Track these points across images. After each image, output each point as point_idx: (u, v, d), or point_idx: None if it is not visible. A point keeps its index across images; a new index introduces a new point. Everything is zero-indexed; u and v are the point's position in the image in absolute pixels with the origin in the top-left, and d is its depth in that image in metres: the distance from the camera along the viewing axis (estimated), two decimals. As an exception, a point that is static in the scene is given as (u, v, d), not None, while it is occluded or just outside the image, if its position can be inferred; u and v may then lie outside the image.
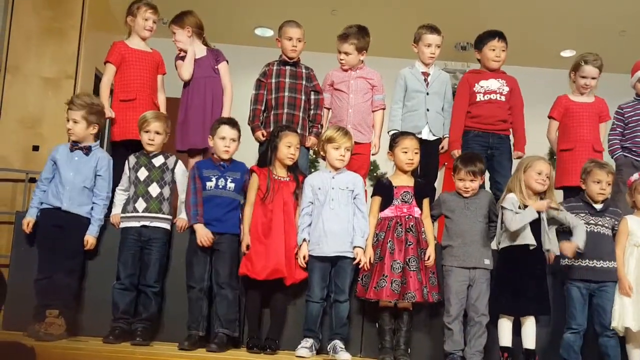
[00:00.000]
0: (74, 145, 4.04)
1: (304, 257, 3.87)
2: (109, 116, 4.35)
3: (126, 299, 3.86)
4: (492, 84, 4.60)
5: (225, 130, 3.98)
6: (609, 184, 3.94)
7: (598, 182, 3.94)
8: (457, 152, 4.48)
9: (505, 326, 3.86)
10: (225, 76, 4.63)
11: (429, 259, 3.87)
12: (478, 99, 4.58)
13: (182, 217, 4.00)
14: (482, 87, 4.60)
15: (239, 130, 4.02)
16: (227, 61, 4.68)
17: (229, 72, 4.66)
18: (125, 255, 3.90)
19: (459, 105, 4.63)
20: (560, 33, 7.33)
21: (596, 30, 7.11)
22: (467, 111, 4.59)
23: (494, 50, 4.63)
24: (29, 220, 3.99)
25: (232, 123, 4.02)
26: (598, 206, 3.96)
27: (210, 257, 3.90)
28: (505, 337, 3.85)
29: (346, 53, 4.59)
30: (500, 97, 4.58)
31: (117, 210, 4.06)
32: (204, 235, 3.83)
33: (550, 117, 4.78)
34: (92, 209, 4.00)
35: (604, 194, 3.94)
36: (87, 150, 4.04)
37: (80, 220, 3.95)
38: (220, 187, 3.95)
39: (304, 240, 3.89)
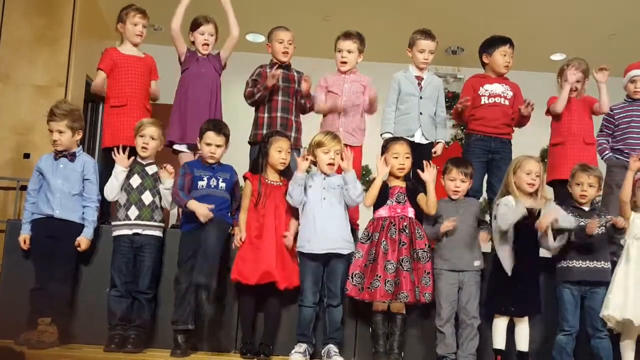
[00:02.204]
0: (58, 153, 4.03)
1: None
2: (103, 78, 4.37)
3: (123, 306, 3.86)
4: (497, 88, 4.65)
5: (211, 137, 3.98)
6: (590, 186, 3.95)
7: (579, 185, 3.97)
8: (464, 100, 4.55)
9: (499, 328, 3.87)
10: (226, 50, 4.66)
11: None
12: (482, 102, 4.63)
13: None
14: (486, 90, 4.65)
15: (225, 135, 4.02)
16: None
17: None
18: (119, 263, 3.89)
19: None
20: (550, 37, 7.37)
21: (586, 33, 7.15)
22: (471, 114, 4.64)
23: (504, 55, 4.68)
24: (25, 237, 3.98)
25: (218, 129, 4.00)
26: (586, 207, 3.99)
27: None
28: (499, 339, 3.86)
29: (349, 51, 4.61)
30: (504, 102, 4.64)
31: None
32: (200, 208, 3.81)
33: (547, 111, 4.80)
34: (83, 213, 3.99)
35: (586, 195, 3.95)
36: (72, 157, 4.03)
37: (73, 226, 3.94)
38: (213, 186, 3.96)
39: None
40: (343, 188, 3.93)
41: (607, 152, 4.75)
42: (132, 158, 4.02)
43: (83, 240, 3.93)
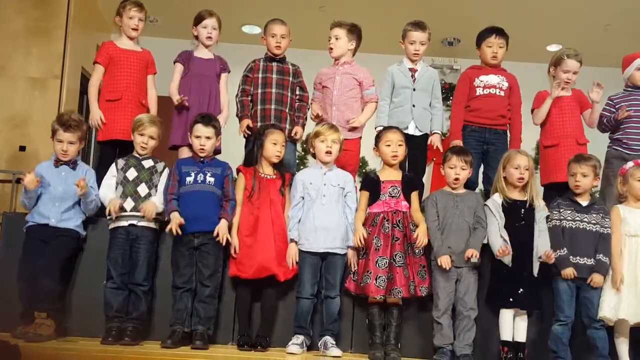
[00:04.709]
0: (59, 161, 4.00)
1: (294, 256, 3.88)
2: (97, 120, 4.33)
3: (119, 298, 3.85)
4: (492, 79, 4.66)
5: (199, 129, 3.99)
6: (584, 176, 3.96)
7: (572, 175, 3.99)
8: (457, 142, 4.53)
9: (506, 321, 3.86)
10: (224, 87, 4.65)
11: (419, 242, 3.83)
12: (478, 93, 4.64)
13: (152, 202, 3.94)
14: (481, 81, 4.65)
15: (214, 127, 4.03)
16: (229, 72, 4.72)
17: (227, 83, 4.68)
18: (115, 254, 3.88)
19: (457, 101, 4.70)
20: (547, 27, 7.37)
21: (582, 24, 7.15)
22: (466, 105, 4.64)
23: (490, 47, 4.68)
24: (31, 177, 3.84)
25: (206, 121, 4.02)
26: (584, 202, 3.99)
27: (195, 256, 3.91)
28: (506, 331, 3.86)
29: (336, 37, 4.60)
30: (499, 92, 4.64)
31: (112, 195, 3.94)
32: (173, 220, 3.83)
33: (533, 109, 4.79)
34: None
35: (580, 185, 3.97)
36: (74, 165, 4.02)
37: (67, 231, 3.92)
38: (199, 181, 3.95)
39: (292, 240, 3.91)
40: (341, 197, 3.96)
41: (613, 113, 4.66)
42: (130, 161, 3.99)
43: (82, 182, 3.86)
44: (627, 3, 6.70)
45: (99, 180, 4.06)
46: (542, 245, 3.86)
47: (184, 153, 4.45)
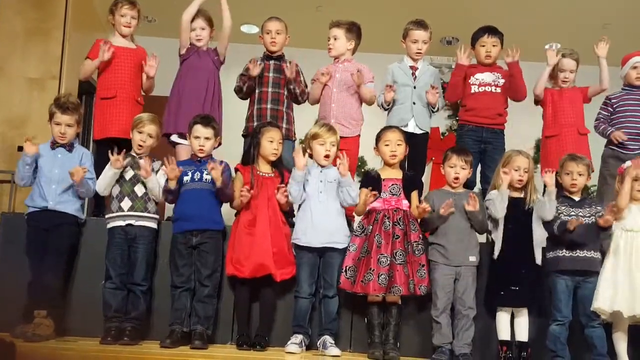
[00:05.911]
0: (56, 143, 4.01)
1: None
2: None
3: (118, 298, 3.86)
4: (487, 77, 4.68)
5: (199, 130, 3.99)
6: (580, 174, 3.96)
7: (568, 174, 3.98)
8: (463, 60, 4.62)
9: (503, 320, 3.87)
10: None
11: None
12: (473, 91, 4.65)
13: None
14: (477, 79, 4.67)
15: (213, 128, 4.02)
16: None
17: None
18: (114, 255, 3.88)
19: (454, 74, 4.74)
20: (545, 27, 7.36)
21: (580, 23, 7.14)
22: (462, 105, 4.65)
23: (483, 46, 4.70)
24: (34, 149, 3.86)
25: (206, 122, 4.01)
26: (576, 197, 3.99)
27: (194, 255, 3.91)
28: (503, 331, 3.87)
29: (335, 37, 4.60)
30: (495, 89, 4.65)
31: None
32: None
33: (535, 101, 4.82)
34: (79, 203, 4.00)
35: (577, 184, 3.96)
36: (71, 147, 4.03)
37: (67, 218, 3.93)
38: (197, 179, 3.95)
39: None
40: (338, 188, 3.93)
41: (609, 128, 4.68)
42: (127, 160, 3.98)
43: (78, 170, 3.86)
44: (625, 2, 6.70)
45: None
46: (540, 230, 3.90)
47: (182, 152, 4.44)
